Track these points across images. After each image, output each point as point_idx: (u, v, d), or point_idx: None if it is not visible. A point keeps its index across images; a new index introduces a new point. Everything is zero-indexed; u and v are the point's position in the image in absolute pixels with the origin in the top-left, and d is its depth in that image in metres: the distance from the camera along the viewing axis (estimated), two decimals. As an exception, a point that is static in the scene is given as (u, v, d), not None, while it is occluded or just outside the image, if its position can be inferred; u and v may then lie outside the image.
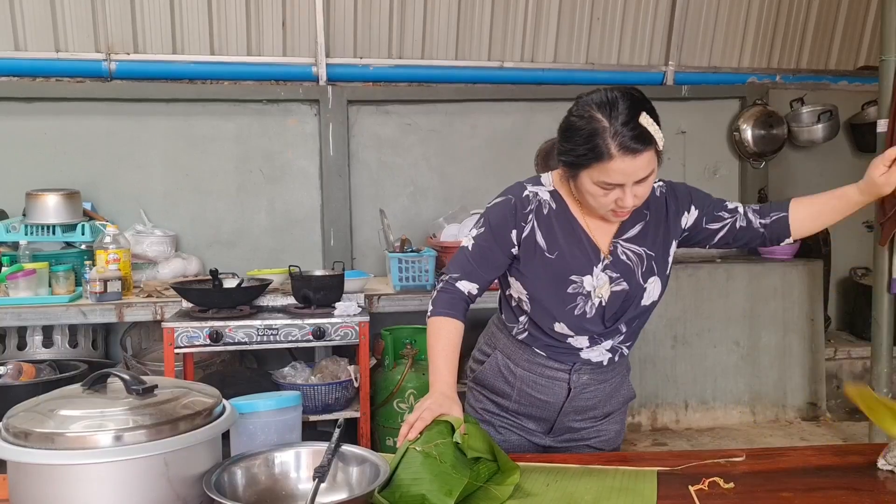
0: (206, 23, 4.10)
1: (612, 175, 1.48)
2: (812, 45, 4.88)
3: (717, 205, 1.73)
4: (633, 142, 1.45)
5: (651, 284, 1.68)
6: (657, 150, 1.51)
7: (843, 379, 4.57)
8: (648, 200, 1.65)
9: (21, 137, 4.02)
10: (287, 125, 4.31)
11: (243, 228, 4.29)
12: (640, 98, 1.51)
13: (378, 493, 1.27)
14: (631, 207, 1.55)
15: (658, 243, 1.69)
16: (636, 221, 1.68)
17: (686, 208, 1.71)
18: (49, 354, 3.61)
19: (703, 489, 1.36)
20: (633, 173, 1.48)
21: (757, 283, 4.32)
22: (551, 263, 1.63)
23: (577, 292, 1.63)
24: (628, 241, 1.67)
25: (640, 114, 1.46)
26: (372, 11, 4.25)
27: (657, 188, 1.71)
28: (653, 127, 1.47)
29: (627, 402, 1.85)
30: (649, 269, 1.68)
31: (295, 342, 3.05)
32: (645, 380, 4.19)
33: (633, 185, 1.50)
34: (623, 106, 1.47)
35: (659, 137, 1.48)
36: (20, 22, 3.91)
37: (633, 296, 1.66)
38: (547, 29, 4.50)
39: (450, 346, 1.61)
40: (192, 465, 1.19)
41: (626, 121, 1.45)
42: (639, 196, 1.54)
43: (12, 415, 1.18)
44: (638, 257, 1.67)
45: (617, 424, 1.82)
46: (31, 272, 3.31)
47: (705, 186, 5.21)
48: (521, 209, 1.65)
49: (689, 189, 1.74)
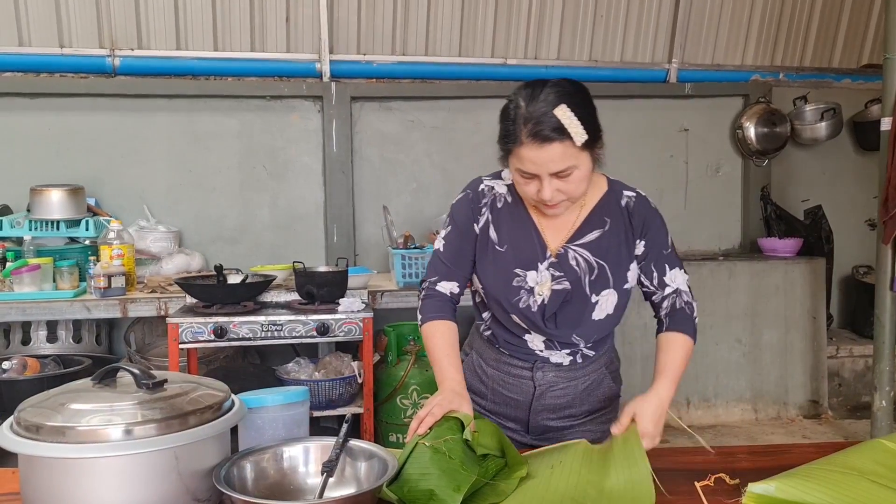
0: (209, 19, 4.10)
1: (525, 163, 1.48)
2: (815, 43, 4.88)
3: (661, 263, 1.68)
4: (542, 130, 1.43)
5: (604, 297, 1.64)
6: (588, 148, 1.48)
7: (845, 377, 4.58)
8: (611, 210, 1.64)
9: (25, 133, 4.03)
10: (290, 121, 4.31)
11: (246, 224, 4.30)
12: (570, 91, 1.48)
13: (387, 487, 1.28)
14: (556, 202, 1.52)
15: (614, 255, 1.64)
16: (594, 228, 1.64)
17: (640, 236, 1.66)
18: (53, 349, 3.62)
19: (708, 485, 1.36)
20: (544, 164, 1.46)
21: (759, 281, 4.33)
22: (500, 256, 1.65)
23: (520, 286, 1.64)
24: (581, 246, 1.64)
25: (560, 105, 1.43)
26: (375, 8, 4.25)
27: (626, 197, 1.67)
28: (569, 120, 1.43)
29: (613, 400, 1.80)
30: (602, 280, 1.63)
31: (299, 338, 3.05)
32: (647, 377, 4.17)
33: (552, 178, 1.48)
34: (545, 94, 1.45)
35: (576, 132, 1.44)
36: (24, 17, 3.91)
37: (578, 303, 1.63)
38: (550, 26, 4.50)
39: (448, 346, 1.63)
40: (201, 459, 1.19)
41: (542, 109, 1.44)
42: (564, 192, 1.51)
43: (23, 408, 1.18)
44: (588, 265, 1.63)
45: (605, 427, 1.72)
46: (36, 267, 3.32)
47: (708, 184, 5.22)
48: (477, 202, 1.69)
49: (651, 222, 1.67)
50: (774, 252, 4.57)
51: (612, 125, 5.00)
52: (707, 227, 4.89)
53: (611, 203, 1.66)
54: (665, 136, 4.79)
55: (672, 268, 1.68)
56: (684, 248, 4.85)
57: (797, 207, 4.86)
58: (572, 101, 1.45)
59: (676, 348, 1.65)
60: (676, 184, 4.82)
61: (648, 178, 4.77)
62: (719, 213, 4.90)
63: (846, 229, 4.92)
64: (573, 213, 1.64)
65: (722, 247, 4.92)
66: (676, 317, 1.67)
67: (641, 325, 4.21)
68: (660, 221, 1.68)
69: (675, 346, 1.65)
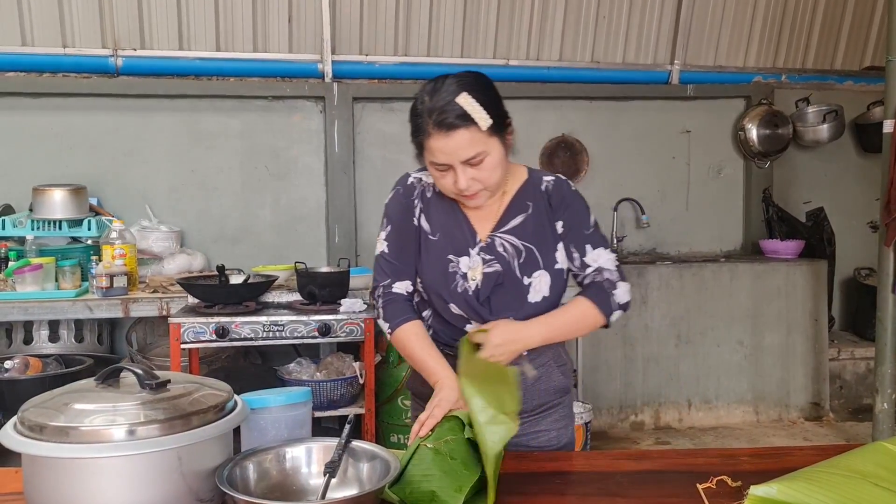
0: (212, 19, 4.10)
1: (436, 154, 1.50)
2: (818, 45, 4.88)
3: (581, 243, 1.66)
4: (447, 118, 1.46)
5: (537, 279, 1.64)
6: (496, 134, 1.51)
7: (847, 379, 4.58)
8: (532, 195, 1.66)
9: (28, 132, 4.04)
10: (292, 122, 4.31)
11: (248, 225, 4.30)
12: (471, 80, 1.51)
13: (389, 489, 1.28)
14: (473, 191, 1.54)
15: (540, 237, 1.65)
16: (518, 213, 1.66)
17: (559, 216, 1.66)
18: (55, 349, 3.62)
19: (710, 487, 1.36)
20: (454, 152, 1.48)
21: (761, 283, 4.33)
22: (433, 245, 1.67)
23: (454, 271, 1.64)
24: (507, 232, 1.65)
25: (461, 94, 1.47)
26: (378, 9, 4.25)
27: (545, 181, 1.68)
28: (471, 107, 1.46)
29: (564, 394, 1.75)
30: (531, 262, 1.64)
31: (300, 338, 3.06)
32: (648, 378, 4.20)
33: (465, 166, 1.50)
34: (446, 86, 1.49)
35: (479, 117, 1.46)
36: (27, 17, 3.92)
37: (511, 286, 1.63)
38: (553, 27, 4.51)
39: (428, 346, 1.62)
40: (204, 459, 1.19)
41: (445, 99, 1.47)
42: (480, 180, 1.52)
43: (27, 408, 1.18)
44: (515, 249, 1.64)
45: (559, 424, 1.73)
46: (38, 267, 3.32)
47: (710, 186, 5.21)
48: (409, 196, 1.71)
49: (569, 203, 1.66)
50: (776, 254, 4.57)
51: (613, 127, 5.03)
52: (709, 228, 4.89)
53: (531, 188, 1.67)
54: (667, 137, 4.79)
55: (595, 247, 1.66)
56: (686, 249, 4.86)
57: (799, 209, 4.86)
58: (473, 88, 1.49)
59: (571, 307, 1.64)
60: (678, 185, 4.82)
61: (650, 180, 4.77)
62: (721, 215, 4.90)
63: (848, 231, 4.92)
64: (496, 202, 1.65)
65: (723, 248, 4.92)
66: (590, 288, 1.66)
67: (642, 326, 4.21)
68: (579, 202, 1.68)
69: (571, 305, 1.65)
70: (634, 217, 4.75)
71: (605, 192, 4.69)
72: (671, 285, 4.25)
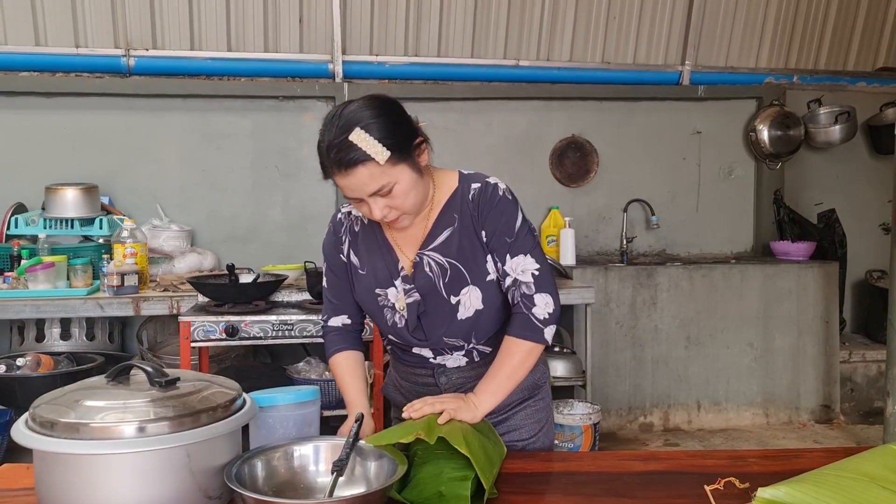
0: (223, 19, 4.12)
1: (345, 190, 1.47)
2: (830, 46, 4.86)
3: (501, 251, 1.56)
4: (342, 158, 1.41)
5: (465, 295, 1.57)
6: (402, 160, 1.45)
7: (858, 382, 4.55)
8: (458, 206, 1.58)
9: (41, 132, 4.07)
10: (303, 122, 4.33)
11: (258, 224, 4.32)
12: (363, 111, 1.43)
13: (399, 493, 1.29)
14: (392, 218, 1.50)
15: (466, 251, 1.57)
16: (444, 227, 1.59)
17: (482, 226, 1.57)
18: (66, 347, 3.66)
19: (718, 489, 1.36)
20: (357, 188, 1.44)
21: (771, 285, 4.30)
22: (362, 279, 1.66)
23: (384, 304, 1.64)
24: (433, 250, 1.59)
25: (353, 130, 1.40)
26: (388, 9, 4.26)
27: (472, 189, 1.57)
28: (365, 142, 1.39)
29: (538, 388, 1.72)
30: (457, 279, 1.57)
31: (310, 337, 3.07)
32: (657, 380, 4.18)
33: (376, 197, 1.45)
34: (338, 122, 1.43)
35: (375, 152, 1.40)
36: (41, 18, 3.95)
37: (437, 308, 1.59)
38: (563, 27, 4.50)
39: (350, 375, 1.68)
40: (213, 456, 1.20)
41: (339, 138, 1.41)
42: (394, 207, 1.48)
43: (38, 405, 1.19)
44: (440, 268, 1.58)
45: (531, 420, 1.70)
46: (50, 265, 3.35)
47: (720, 187, 5.18)
48: (336, 233, 1.70)
49: (491, 209, 1.56)
50: (787, 256, 4.54)
51: (624, 127, 5.03)
52: (719, 230, 4.87)
53: (458, 199, 1.59)
54: (678, 138, 4.78)
55: (515, 255, 1.55)
56: (696, 250, 4.84)
57: (810, 211, 4.84)
58: (367, 119, 1.42)
59: (505, 357, 1.54)
60: (689, 187, 4.80)
61: (660, 181, 4.76)
62: (732, 216, 4.88)
63: (860, 233, 4.89)
64: (422, 219, 1.60)
65: (734, 250, 4.90)
66: (515, 318, 1.56)
67: (652, 327, 4.20)
68: (503, 207, 1.56)
69: (505, 353, 1.55)
70: (644, 218, 4.74)
71: (615, 193, 4.68)
72: (681, 287, 4.23)
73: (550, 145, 4.62)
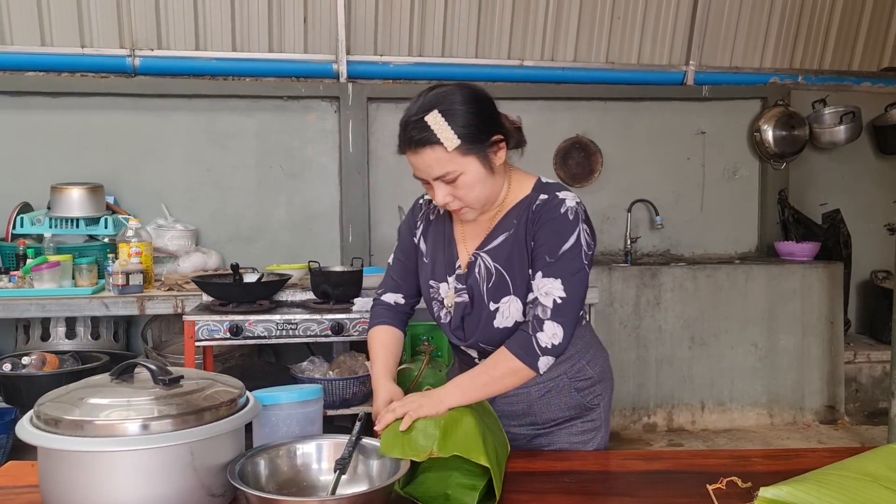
0: (228, 19, 4.13)
1: (414, 168, 1.50)
2: (835, 46, 4.85)
3: (537, 266, 1.51)
4: (413, 136, 1.44)
5: (505, 305, 1.55)
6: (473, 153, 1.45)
7: (863, 382, 4.54)
8: (521, 213, 1.55)
9: (46, 131, 4.08)
10: (307, 122, 4.34)
11: (263, 224, 4.33)
12: (449, 95, 1.45)
13: (403, 489, 1.29)
14: (454, 208, 1.52)
15: (514, 260, 1.55)
16: (502, 232, 1.57)
17: (533, 237, 1.53)
18: (72, 346, 3.67)
19: (720, 488, 1.36)
20: (424, 169, 1.47)
21: (776, 285, 4.30)
22: (424, 268, 1.69)
23: (433, 297, 1.66)
24: (487, 252, 1.58)
25: (431, 112, 1.42)
26: (393, 9, 4.27)
27: (539, 199, 1.54)
28: (438, 126, 1.41)
29: (582, 411, 1.67)
30: (500, 286, 1.55)
31: (314, 337, 3.07)
32: (661, 380, 4.18)
33: (441, 183, 1.47)
34: (423, 100, 1.46)
35: (446, 137, 1.41)
36: (47, 18, 3.96)
37: (477, 311, 1.58)
38: (567, 27, 4.50)
39: (382, 350, 1.66)
40: (216, 454, 1.21)
41: (415, 117, 1.44)
42: (458, 197, 1.49)
43: (43, 402, 1.20)
44: (487, 272, 1.57)
45: (576, 439, 1.66)
46: (55, 264, 3.36)
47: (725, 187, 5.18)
48: (413, 216, 1.75)
49: (544, 223, 1.51)
50: (792, 256, 4.53)
51: (628, 127, 5.01)
52: (723, 230, 4.86)
53: (524, 206, 1.56)
54: (682, 138, 4.77)
55: (546, 276, 1.48)
56: (700, 251, 4.83)
57: (815, 211, 4.83)
58: (449, 104, 1.43)
59: (492, 364, 1.49)
60: (693, 187, 4.80)
61: (665, 181, 4.75)
62: (736, 217, 4.87)
63: (865, 234, 4.88)
64: (490, 217, 1.60)
65: (738, 250, 4.89)
66: (518, 334, 1.50)
67: (656, 327, 4.20)
68: (559, 225, 1.50)
69: (493, 360, 1.49)
70: (648, 218, 4.74)
71: (619, 194, 4.68)
72: (685, 287, 4.23)
73: (555, 145, 4.62)
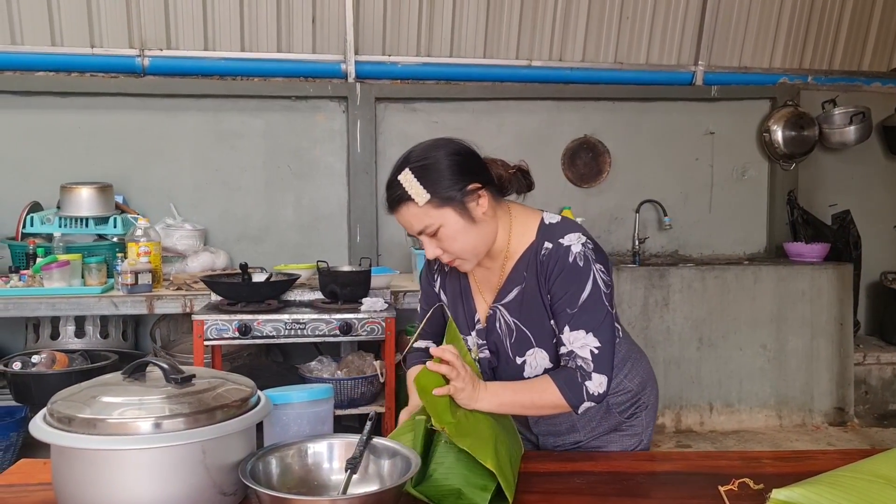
0: (237, 20, 4.14)
1: (401, 225, 1.55)
2: (845, 46, 4.82)
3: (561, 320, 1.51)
4: (389, 196, 1.51)
5: (531, 356, 1.57)
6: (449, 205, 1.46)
7: (872, 384, 4.51)
8: (530, 264, 1.55)
9: (56, 131, 4.10)
10: (315, 122, 4.34)
11: (271, 224, 4.34)
12: (421, 153, 1.49)
13: (415, 487, 1.29)
14: (446, 260, 1.54)
15: (532, 313, 1.56)
16: (515, 285, 1.57)
17: (548, 290, 1.53)
18: (81, 344, 3.68)
19: (732, 489, 1.36)
20: (406, 225, 1.52)
21: (785, 286, 4.28)
22: (450, 317, 1.69)
23: (475, 341, 1.68)
24: (504, 306, 1.59)
25: (403, 170, 1.47)
26: (401, 9, 4.27)
27: (544, 249, 1.53)
28: (409, 183, 1.45)
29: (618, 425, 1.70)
30: (523, 341, 1.57)
31: (322, 337, 3.07)
32: (669, 381, 4.17)
33: (425, 236, 1.50)
34: (398, 162, 1.51)
35: (416, 193, 1.45)
36: (56, 18, 3.98)
37: (505, 364, 1.60)
38: (575, 28, 4.50)
39: None
40: (228, 453, 1.21)
41: (390, 176, 1.50)
42: (448, 251, 1.51)
43: (56, 400, 1.21)
44: (508, 328, 1.59)
45: (613, 444, 1.71)
46: (65, 263, 3.37)
47: (734, 188, 5.15)
48: (431, 266, 1.76)
49: (557, 275, 1.51)
50: (801, 257, 4.52)
51: (636, 128, 5.01)
52: (732, 231, 4.85)
53: (531, 255, 1.56)
54: (690, 139, 4.76)
55: (574, 329, 1.49)
56: (708, 251, 4.82)
57: (825, 212, 4.81)
58: (421, 161, 1.47)
59: (538, 388, 1.48)
60: (701, 187, 4.78)
61: (673, 182, 4.74)
62: (745, 218, 4.85)
63: (875, 235, 4.86)
64: (498, 267, 1.60)
65: (747, 251, 4.87)
66: (563, 371, 1.49)
67: (664, 328, 4.19)
68: (571, 275, 1.50)
69: (538, 386, 1.48)
70: (657, 219, 4.73)
71: (627, 194, 4.67)
72: (693, 287, 4.22)
73: (563, 146, 4.61)
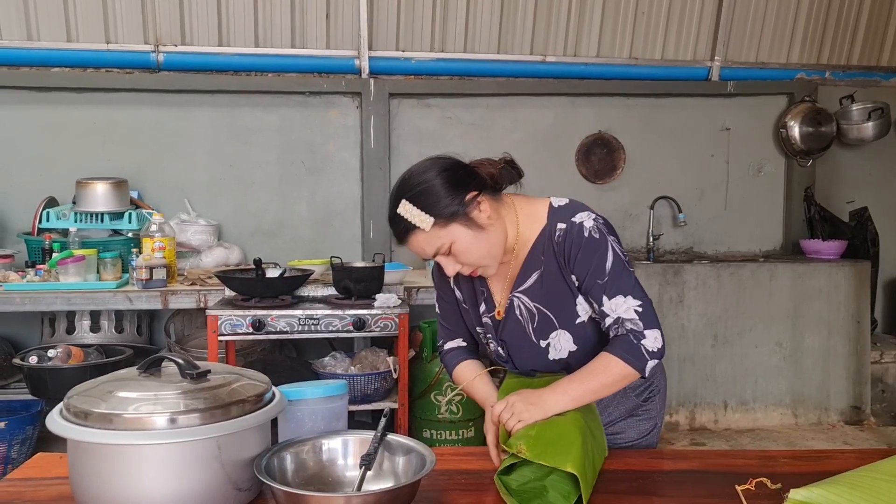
0: (251, 15, 4.15)
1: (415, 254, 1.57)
2: (863, 41, 4.76)
3: (597, 293, 1.53)
4: (397, 231, 1.51)
5: (555, 339, 1.59)
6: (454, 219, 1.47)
7: (889, 383, 4.47)
8: (545, 248, 1.56)
9: (71, 127, 4.13)
10: (329, 117, 4.34)
11: (285, 219, 4.35)
12: (408, 181, 1.49)
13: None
14: (467, 273, 1.56)
15: (554, 296, 1.57)
16: (532, 270, 1.58)
17: (570, 269, 1.55)
18: (96, 339, 3.71)
19: (749, 489, 1.34)
20: (420, 252, 1.53)
21: (801, 283, 4.24)
22: (466, 313, 1.74)
23: (482, 339, 1.74)
24: (523, 292, 1.60)
25: (400, 202, 1.48)
26: (415, 5, 4.26)
27: (558, 231, 1.55)
28: (410, 213, 1.46)
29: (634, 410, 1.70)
30: (545, 325, 1.59)
31: (335, 332, 3.08)
32: (684, 379, 4.14)
33: (441, 257, 1.52)
34: (391, 198, 1.51)
35: (420, 221, 1.46)
36: (72, 14, 4.00)
37: (528, 349, 1.62)
38: (590, 23, 4.47)
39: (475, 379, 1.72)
40: (243, 448, 1.21)
41: (391, 214, 1.51)
42: (466, 263, 1.53)
43: (72, 395, 1.21)
44: (529, 313, 1.60)
45: (631, 430, 1.70)
46: (81, 258, 3.40)
47: (750, 184, 5.12)
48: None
49: (577, 252, 1.53)
50: (818, 254, 4.47)
51: (651, 124, 4.97)
52: (748, 227, 4.81)
53: (545, 240, 1.57)
54: (706, 135, 4.72)
55: (612, 297, 1.52)
56: (724, 248, 4.78)
57: (842, 209, 4.76)
58: (413, 188, 1.48)
59: (598, 368, 1.49)
60: (717, 184, 4.75)
61: (688, 178, 4.71)
62: (761, 214, 4.81)
63: (893, 232, 4.80)
64: (511, 260, 1.61)
65: (763, 248, 4.83)
66: (616, 341, 1.51)
67: (679, 325, 4.16)
68: (591, 248, 1.52)
69: (598, 365, 1.50)
70: (671, 215, 4.70)
71: (641, 190, 4.64)
72: (708, 284, 4.19)
73: (577, 142, 4.59)
